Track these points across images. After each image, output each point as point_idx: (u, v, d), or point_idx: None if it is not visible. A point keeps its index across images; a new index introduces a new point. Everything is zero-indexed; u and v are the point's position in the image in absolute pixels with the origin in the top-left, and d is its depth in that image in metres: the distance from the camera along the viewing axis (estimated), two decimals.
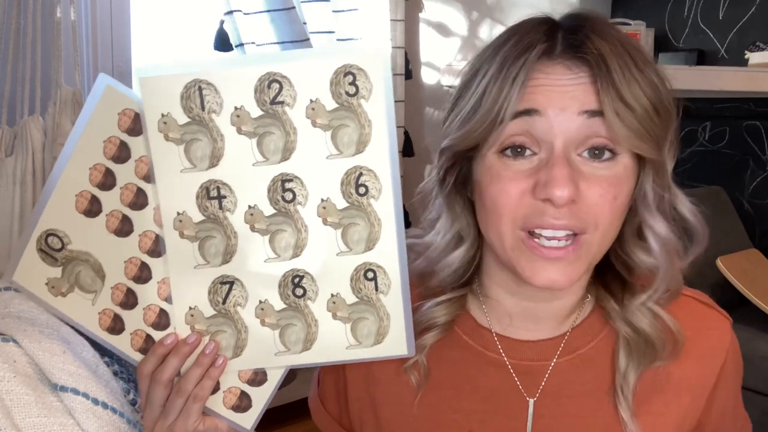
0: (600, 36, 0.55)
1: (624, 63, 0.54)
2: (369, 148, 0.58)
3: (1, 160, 1.02)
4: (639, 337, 0.61)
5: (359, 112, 0.58)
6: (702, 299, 0.66)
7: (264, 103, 0.57)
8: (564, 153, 0.54)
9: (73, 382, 0.69)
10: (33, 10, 1.04)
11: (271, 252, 0.60)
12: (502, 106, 0.54)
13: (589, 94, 0.54)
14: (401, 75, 1.95)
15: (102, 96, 0.58)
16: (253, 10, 1.65)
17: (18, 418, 0.64)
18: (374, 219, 0.60)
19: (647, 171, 0.57)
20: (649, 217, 0.59)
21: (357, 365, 0.67)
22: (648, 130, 0.54)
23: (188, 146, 0.58)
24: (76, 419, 0.67)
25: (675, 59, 2.34)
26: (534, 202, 0.55)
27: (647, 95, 0.54)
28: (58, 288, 0.62)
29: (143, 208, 0.60)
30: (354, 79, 0.57)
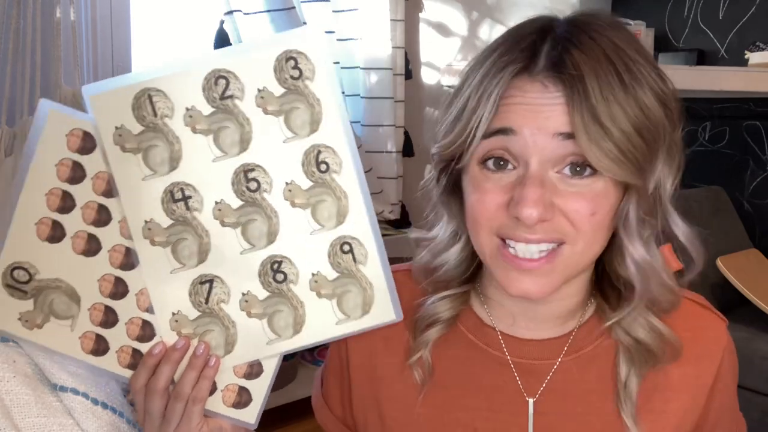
0: (585, 51, 0.52)
1: (606, 82, 0.51)
2: (323, 126, 0.60)
3: (1, 161, 1.02)
4: (638, 345, 0.61)
5: (307, 93, 0.59)
6: (698, 301, 0.67)
7: (214, 99, 0.58)
8: (539, 172, 0.53)
9: (72, 382, 0.69)
10: (33, 10, 1.04)
11: (245, 243, 0.60)
12: (476, 125, 0.54)
13: (564, 115, 0.52)
14: (401, 75, 1.95)
15: (47, 121, 0.58)
16: (253, 10, 1.65)
17: (18, 418, 0.64)
18: (340, 193, 0.61)
19: (630, 192, 0.56)
20: (626, 241, 0.57)
21: (361, 365, 0.68)
22: (626, 154, 0.52)
23: (146, 153, 0.58)
24: (76, 419, 0.67)
25: (675, 59, 2.35)
26: (508, 217, 0.55)
27: (629, 117, 0.51)
28: (33, 321, 0.61)
29: (108, 224, 0.60)
30: (296, 62, 0.58)
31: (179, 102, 0.58)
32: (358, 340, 0.68)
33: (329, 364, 0.73)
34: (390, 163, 1.94)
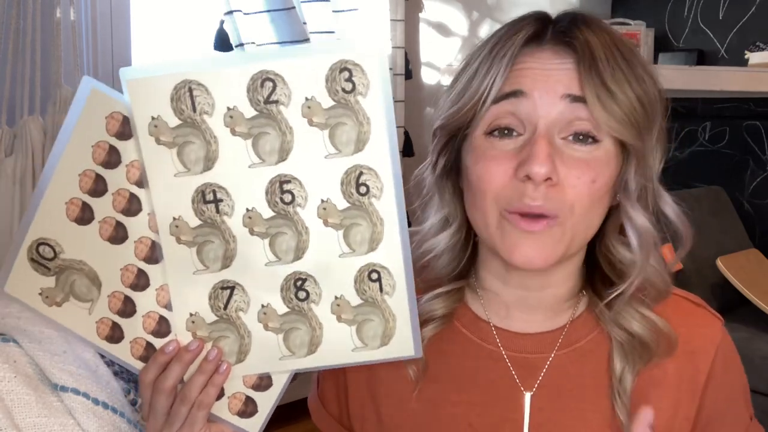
0: (589, 28, 0.57)
1: (611, 53, 0.56)
2: (369, 147, 0.56)
3: (1, 161, 1.02)
4: (632, 338, 0.61)
5: (357, 110, 0.56)
6: (692, 299, 0.67)
7: (258, 102, 0.55)
8: (546, 134, 0.56)
9: (73, 382, 0.69)
10: (33, 10, 1.04)
11: (271, 255, 0.59)
12: (489, 86, 0.57)
13: (573, 80, 0.56)
14: (401, 75, 1.95)
15: (87, 99, 0.56)
16: (253, 10, 1.65)
17: (18, 418, 0.64)
18: (376, 219, 0.58)
19: (630, 161, 0.58)
20: (629, 207, 0.59)
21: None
22: (629, 118, 0.55)
23: (181, 149, 0.56)
24: (77, 419, 0.67)
25: (675, 59, 2.35)
26: (514, 183, 0.56)
27: (632, 86, 0.56)
28: (53, 298, 0.60)
29: (137, 215, 0.59)
30: (350, 75, 0.55)
31: (221, 100, 0.55)
32: None
33: None
34: None
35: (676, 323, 0.63)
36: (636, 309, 0.62)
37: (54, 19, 1.05)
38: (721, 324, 0.66)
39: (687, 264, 1.75)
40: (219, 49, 1.67)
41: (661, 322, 0.61)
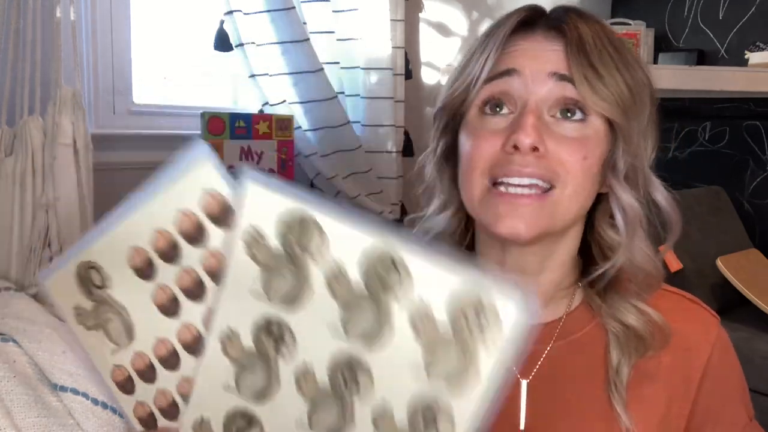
0: (581, 18, 0.60)
1: (599, 40, 0.58)
2: (462, 394, 0.47)
3: (1, 160, 1.02)
4: (628, 331, 0.62)
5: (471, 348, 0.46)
6: (689, 297, 0.68)
7: (371, 281, 0.48)
8: (536, 108, 0.58)
9: (72, 382, 0.69)
10: (33, 10, 1.04)
11: (306, 422, 0.52)
12: (481, 66, 0.60)
13: (562, 61, 0.59)
14: (401, 75, 1.95)
15: (196, 163, 0.52)
16: (253, 10, 1.65)
17: (18, 417, 0.64)
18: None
19: (618, 141, 0.60)
20: (616, 185, 0.61)
21: None
22: (615, 98, 0.58)
23: (270, 276, 0.51)
24: (76, 419, 0.67)
25: (675, 59, 2.35)
26: (503, 155, 0.58)
27: (619, 70, 0.58)
28: (83, 319, 0.57)
29: (197, 301, 0.54)
30: (481, 316, 0.46)
31: (334, 254, 0.49)
32: None
33: None
34: (390, 163, 1.94)
35: (672, 319, 0.63)
36: (631, 302, 0.62)
37: (54, 19, 1.05)
38: (717, 322, 0.66)
39: (687, 264, 1.75)
40: (219, 49, 1.67)
41: (656, 315, 0.62)
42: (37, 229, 0.99)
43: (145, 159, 1.61)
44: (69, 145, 1.01)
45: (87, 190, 1.03)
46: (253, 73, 1.69)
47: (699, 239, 1.87)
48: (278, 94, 1.75)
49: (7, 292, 0.90)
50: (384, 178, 1.94)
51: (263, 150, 1.75)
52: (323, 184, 1.90)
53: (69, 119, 1.02)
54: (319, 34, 1.80)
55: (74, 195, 1.01)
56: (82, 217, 1.02)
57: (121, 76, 1.60)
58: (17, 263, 1.00)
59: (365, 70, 1.87)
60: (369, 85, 1.88)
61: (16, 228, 1.00)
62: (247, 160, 1.72)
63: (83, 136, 1.03)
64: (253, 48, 1.67)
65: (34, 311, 0.83)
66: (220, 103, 1.86)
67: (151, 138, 1.62)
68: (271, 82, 1.72)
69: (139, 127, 1.63)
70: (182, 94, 1.80)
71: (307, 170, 1.89)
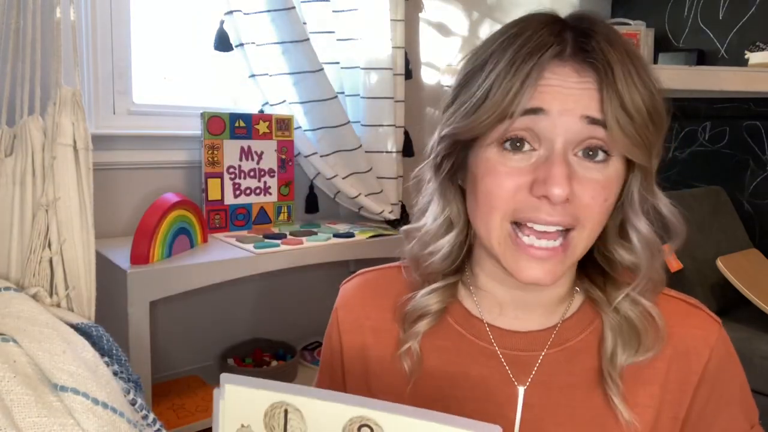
0: (608, 42, 0.56)
1: (627, 71, 0.55)
2: None
3: (1, 160, 1.02)
4: (624, 322, 0.62)
5: None
6: (690, 301, 0.67)
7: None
8: (563, 152, 0.56)
9: (73, 382, 0.69)
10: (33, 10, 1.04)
11: None
12: (513, 102, 0.55)
13: (594, 101, 0.55)
14: (401, 75, 1.95)
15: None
16: (253, 10, 1.65)
17: (18, 418, 0.64)
18: None
19: (636, 174, 0.59)
20: (634, 218, 0.61)
21: (353, 358, 0.69)
22: (643, 138, 0.55)
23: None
24: (76, 419, 0.67)
25: (675, 59, 2.35)
26: (529, 199, 0.56)
27: (645, 103, 0.55)
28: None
29: None
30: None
31: (313, 430, 0.52)
32: (350, 336, 0.69)
33: (322, 362, 0.74)
34: (390, 163, 1.94)
35: (671, 323, 0.63)
36: (629, 295, 0.63)
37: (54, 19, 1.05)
38: (718, 326, 0.65)
39: (687, 264, 1.75)
40: (219, 49, 1.67)
41: (653, 309, 0.63)
42: (37, 229, 0.99)
43: (145, 159, 1.62)
44: (69, 145, 1.01)
45: (87, 190, 1.03)
46: (253, 73, 1.69)
47: (699, 239, 1.87)
48: (278, 94, 1.75)
49: (7, 292, 0.89)
50: (384, 178, 1.94)
51: (263, 150, 1.75)
52: (323, 184, 1.90)
53: (69, 119, 1.02)
54: (319, 34, 1.80)
55: (74, 195, 1.01)
56: (82, 217, 1.02)
57: (121, 76, 1.60)
58: (17, 263, 1.00)
59: (365, 70, 1.87)
60: (369, 85, 1.88)
61: (16, 228, 1.00)
62: (247, 160, 1.72)
63: (83, 136, 1.03)
64: (253, 48, 1.67)
65: (34, 311, 0.83)
66: (220, 103, 1.86)
67: (151, 138, 1.63)
68: (271, 82, 1.72)
69: (139, 127, 1.63)
70: (182, 94, 1.80)
71: (307, 170, 1.89)
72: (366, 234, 1.72)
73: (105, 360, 0.78)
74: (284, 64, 1.71)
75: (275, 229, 1.73)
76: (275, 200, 1.79)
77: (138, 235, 1.32)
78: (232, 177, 1.69)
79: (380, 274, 0.74)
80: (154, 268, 1.29)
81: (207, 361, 1.80)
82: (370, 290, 0.72)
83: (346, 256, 1.65)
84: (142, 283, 1.26)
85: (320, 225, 1.84)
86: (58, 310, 0.96)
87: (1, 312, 0.81)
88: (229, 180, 1.68)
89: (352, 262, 1.98)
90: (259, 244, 1.51)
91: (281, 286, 1.94)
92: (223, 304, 1.82)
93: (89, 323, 0.93)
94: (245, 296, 1.87)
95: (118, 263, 1.30)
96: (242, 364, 1.71)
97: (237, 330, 1.85)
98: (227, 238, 1.60)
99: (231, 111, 1.69)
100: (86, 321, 0.94)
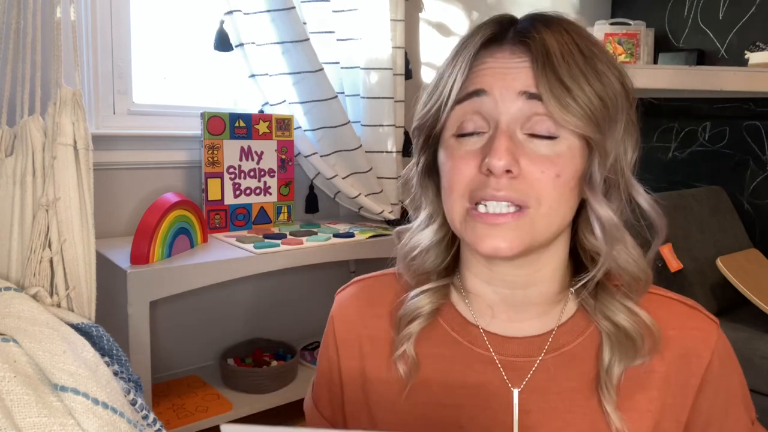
0: (548, 27, 0.59)
1: (568, 51, 0.57)
2: None
3: (1, 160, 1.02)
4: (619, 331, 0.62)
5: None
6: (687, 302, 0.67)
7: None
8: (507, 129, 0.58)
9: (73, 382, 0.69)
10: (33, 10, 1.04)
11: None
12: (451, 87, 0.60)
13: (530, 77, 0.58)
14: (401, 75, 1.95)
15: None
16: (253, 10, 1.65)
17: (18, 418, 0.64)
18: None
19: (593, 156, 0.59)
20: (593, 200, 0.60)
21: (350, 368, 0.68)
22: (587, 112, 0.57)
23: None
24: (77, 419, 0.67)
25: (675, 59, 2.35)
26: (479, 177, 0.59)
27: (590, 82, 0.57)
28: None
29: None
30: None
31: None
32: (347, 346, 0.69)
33: (319, 369, 0.74)
34: (390, 163, 1.94)
35: (669, 325, 0.63)
36: (621, 302, 0.63)
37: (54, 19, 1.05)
38: (716, 327, 0.65)
39: (687, 264, 1.75)
40: (219, 49, 1.67)
41: (646, 317, 0.62)
42: (38, 229, 0.99)
43: (145, 159, 1.62)
44: (69, 145, 1.01)
45: (87, 190, 1.03)
46: (253, 73, 1.69)
47: (699, 239, 1.87)
48: (278, 94, 1.75)
49: (7, 292, 0.89)
50: (384, 178, 1.94)
51: (263, 150, 1.75)
52: (323, 184, 1.90)
53: (69, 119, 1.02)
54: (319, 34, 1.80)
55: (74, 195, 1.01)
56: (82, 217, 1.02)
57: (120, 76, 1.60)
58: (17, 263, 1.00)
59: (365, 70, 1.87)
60: (369, 85, 1.88)
61: (16, 228, 1.00)
62: (247, 160, 1.72)
63: (83, 136, 1.03)
64: (253, 48, 1.67)
65: (34, 311, 0.83)
66: (220, 103, 1.86)
67: (151, 138, 1.63)
68: (271, 82, 1.73)
69: (139, 127, 1.64)
70: (182, 94, 1.80)
71: (307, 170, 1.89)
72: (366, 234, 1.72)
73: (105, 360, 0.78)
74: (284, 64, 1.71)
75: (275, 229, 1.73)
76: (275, 200, 1.79)
77: (138, 235, 1.32)
78: (232, 177, 1.69)
79: (375, 281, 0.74)
80: (154, 268, 1.29)
81: (207, 361, 1.80)
82: (366, 298, 0.72)
83: (346, 256, 1.65)
84: (142, 283, 1.26)
85: (320, 225, 1.84)
86: (58, 310, 0.96)
87: (2, 312, 0.81)
88: (229, 180, 1.68)
89: (352, 262, 1.98)
90: (259, 244, 1.51)
91: (281, 286, 1.94)
92: (223, 304, 1.82)
93: (89, 323, 0.93)
94: (245, 296, 1.87)
95: (118, 263, 1.30)
96: (242, 364, 1.71)
97: (237, 330, 1.85)
98: (227, 238, 1.60)
99: (231, 111, 1.69)
100: (86, 321, 0.94)
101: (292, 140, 1.80)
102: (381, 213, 1.91)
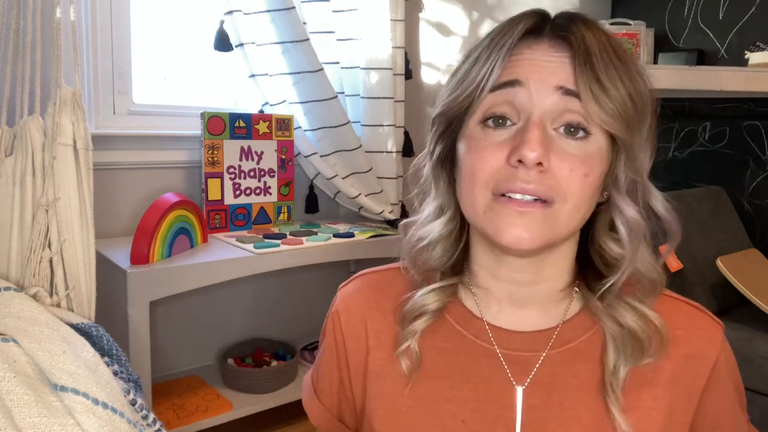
0: (586, 26, 0.59)
1: (605, 51, 0.57)
2: None
3: (1, 160, 1.02)
4: (625, 332, 0.62)
5: None
6: (693, 304, 0.67)
7: None
8: (540, 122, 0.57)
9: (73, 382, 0.69)
10: (33, 10, 1.04)
11: None
12: (487, 74, 0.59)
13: (568, 74, 0.57)
14: (401, 75, 1.95)
15: None
16: (253, 10, 1.65)
17: (18, 418, 0.64)
18: None
19: (620, 155, 0.60)
20: (619, 200, 0.61)
21: (357, 362, 0.68)
22: (620, 112, 0.57)
23: None
24: (76, 419, 0.67)
25: (675, 59, 2.35)
26: (506, 168, 0.58)
27: (624, 83, 0.57)
28: None
29: None
30: None
31: None
32: (353, 339, 0.69)
33: (325, 364, 0.73)
34: (390, 163, 1.94)
35: (675, 325, 0.63)
36: (629, 303, 0.62)
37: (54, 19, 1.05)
38: (721, 329, 0.65)
39: (687, 264, 1.75)
40: (219, 49, 1.67)
41: (655, 317, 0.62)
42: (37, 229, 0.99)
43: (145, 159, 1.62)
44: (69, 145, 1.01)
45: (87, 190, 1.03)
46: (253, 73, 1.69)
47: (699, 239, 1.87)
48: (278, 94, 1.75)
49: (7, 292, 0.89)
50: (384, 178, 1.94)
51: (263, 150, 1.75)
52: (323, 184, 1.90)
53: (69, 119, 1.02)
54: (319, 34, 1.80)
55: (74, 195, 1.01)
56: (82, 217, 1.02)
57: (120, 76, 1.60)
58: (17, 263, 1.00)
59: (365, 70, 1.87)
60: (369, 85, 1.88)
61: (16, 228, 1.00)
62: (247, 160, 1.72)
63: (83, 136, 1.03)
64: (253, 48, 1.67)
65: (34, 311, 0.83)
66: (220, 103, 1.86)
67: (150, 138, 1.63)
68: (271, 82, 1.72)
69: (139, 127, 1.64)
70: (182, 94, 1.80)
71: (307, 170, 1.89)
72: (366, 234, 1.72)
73: (105, 360, 0.78)
74: (284, 64, 1.71)
75: (275, 229, 1.73)
76: (275, 200, 1.79)
77: (138, 235, 1.32)
78: (232, 177, 1.69)
79: (380, 275, 0.74)
80: (153, 268, 1.29)
81: (207, 361, 1.80)
82: (371, 292, 0.72)
83: (346, 256, 1.65)
84: (142, 283, 1.26)
85: (320, 225, 1.84)
86: (58, 310, 0.96)
87: (2, 312, 0.81)
88: (229, 180, 1.68)
89: (352, 262, 1.98)
90: (259, 244, 1.51)
91: (281, 286, 1.94)
92: (223, 304, 1.82)
93: (89, 323, 0.93)
94: (245, 296, 1.87)
95: (118, 263, 1.30)
96: (242, 364, 1.71)
97: (237, 330, 1.85)
98: (227, 238, 1.60)
99: (231, 111, 1.69)
100: (86, 321, 0.94)
101: (292, 140, 1.80)
102: (381, 213, 1.90)
